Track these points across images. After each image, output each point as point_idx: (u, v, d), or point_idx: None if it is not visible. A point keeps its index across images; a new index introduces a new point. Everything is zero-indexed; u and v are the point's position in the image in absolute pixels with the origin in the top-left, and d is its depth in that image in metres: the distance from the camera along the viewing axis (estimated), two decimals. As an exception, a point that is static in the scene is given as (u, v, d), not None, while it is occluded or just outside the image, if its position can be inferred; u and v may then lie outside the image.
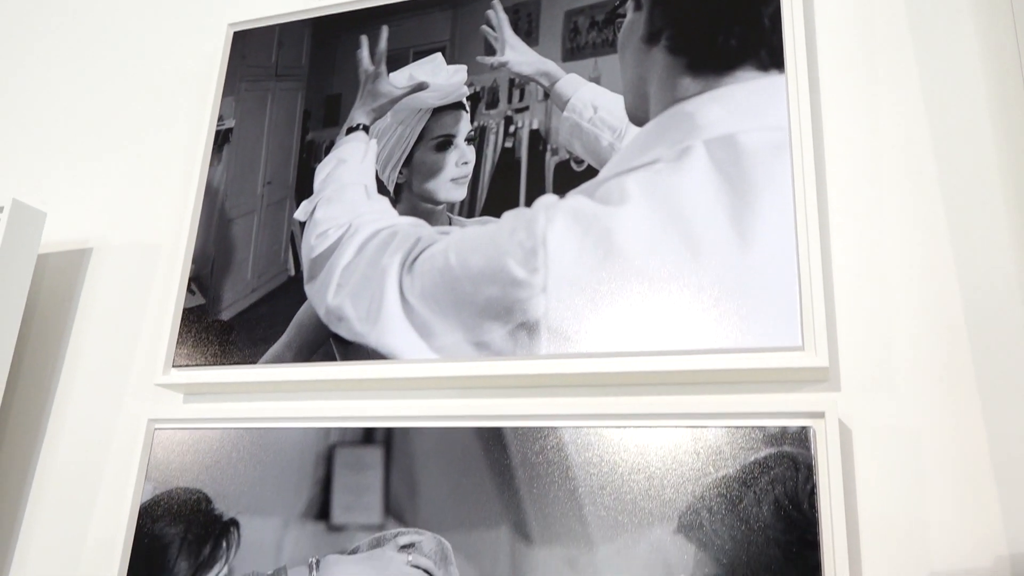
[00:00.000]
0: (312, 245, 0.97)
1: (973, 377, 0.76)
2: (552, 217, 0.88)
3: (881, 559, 0.72)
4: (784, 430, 0.74)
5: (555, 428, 0.81)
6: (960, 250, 0.79)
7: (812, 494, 0.72)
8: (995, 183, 0.80)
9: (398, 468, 0.85)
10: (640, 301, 0.82)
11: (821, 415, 0.74)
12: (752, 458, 0.74)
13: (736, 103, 0.85)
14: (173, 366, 0.98)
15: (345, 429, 0.88)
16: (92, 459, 1.02)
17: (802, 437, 0.74)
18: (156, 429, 0.96)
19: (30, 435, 1.07)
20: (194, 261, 1.02)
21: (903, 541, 0.72)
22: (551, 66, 0.95)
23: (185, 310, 1.00)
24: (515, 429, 0.82)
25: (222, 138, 1.08)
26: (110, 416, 1.04)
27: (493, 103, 0.96)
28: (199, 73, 1.19)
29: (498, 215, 0.91)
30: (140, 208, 1.15)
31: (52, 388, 1.09)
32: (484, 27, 1.00)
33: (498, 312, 0.87)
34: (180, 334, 0.99)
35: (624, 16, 0.94)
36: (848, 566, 0.69)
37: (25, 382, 1.10)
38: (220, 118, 1.09)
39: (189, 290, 1.01)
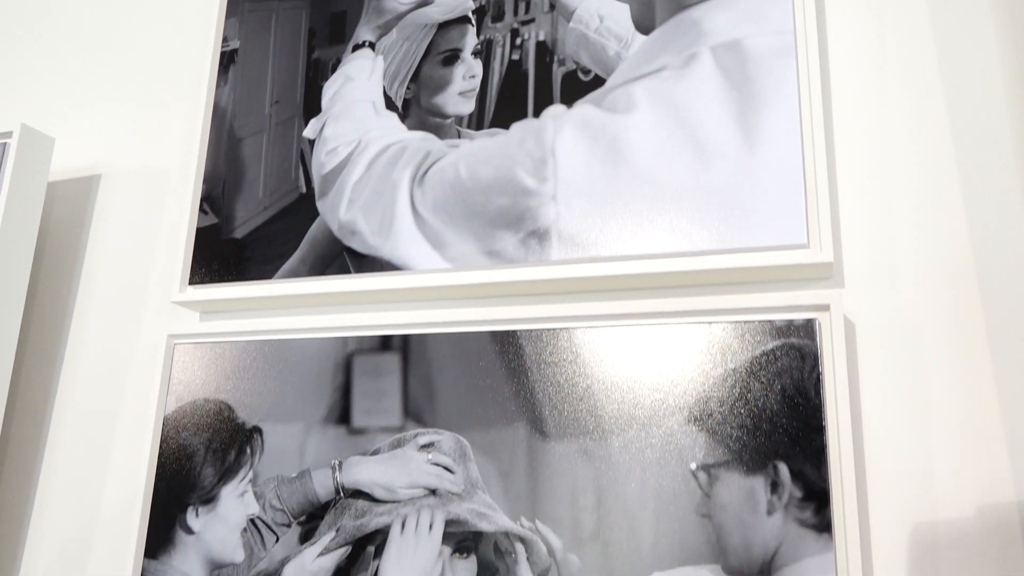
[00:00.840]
0: (322, 162, 0.99)
1: (973, 271, 0.78)
2: (560, 127, 0.89)
3: (884, 441, 0.76)
4: (790, 323, 0.77)
5: (568, 329, 0.84)
6: (962, 147, 0.81)
7: (818, 382, 0.75)
8: (997, 80, 0.81)
9: (415, 373, 0.88)
10: (649, 206, 0.84)
11: (826, 308, 0.77)
12: (760, 351, 0.77)
13: (742, 9, 0.86)
14: (189, 284, 0.99)
15: (362, 338, 0.91)
16: (113, 377, 1.05)
17: (808, 329, 0.76)
18: (176, 344, 0.98)
19: (49, 357, 1.09)
20: (205, 181, 1.04)
21: (905, 426, 0.76)
22: (556, -23, 0.95)
23: (198, 229, 1.02)
24: (529, 331, 0.85)
25: (228, 59, 1.08)
26: (129, 335, 1.06)
27: (499, 16, 0.97)
28: (200, -4, 1.19)
29: (506, 127, 0.92)
30: (148, 133, 1.15)
31: (69, 312, 1.11)
32: (488, -60, 1.00)
33: (509, 221, 0.88)
34: (195, 253, 1.01)
35: (629, -75, 0.94)
36: (852, 449, 0.73)
37: (42, 307, 1.12)
38: (225, 39, 1.09)
39: (201, 210, 1.02)
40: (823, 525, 0.71)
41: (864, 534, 0.73)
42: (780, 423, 0.75)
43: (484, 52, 0.96)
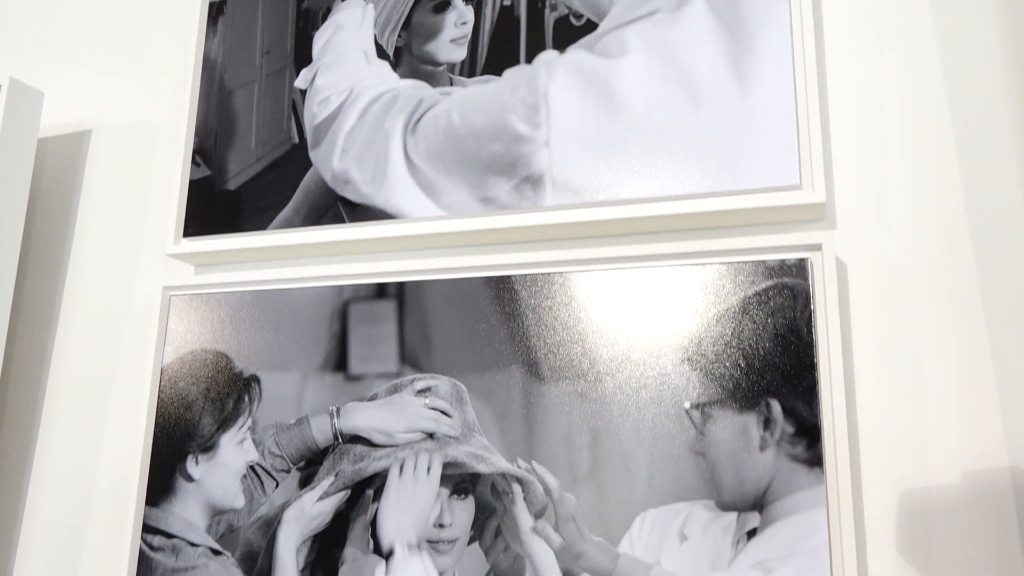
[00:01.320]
0: (314, 112, 0.98)
1: (964, 212, 0.79)
2: (553, 72, 0.89)
3: (875, 379, 0.77)
4: (783, 263, 0.78)
5: (562, 273, 0.84)
6: (955, 88, 0.81)
7: (809, 321, 0.76)
8: (991, 20, 0.81)
9: (411, 319, 0.88)
10: (642, 150, 0.84)
11: (818, 247, 0.77)
12: (752, 291, 0.78)
13: (734, -50, 0.85)
14: (183, 236, 0.99)
15: (358, 286, 0.91)
16: (110, 331, 1.05)
17: (800, 269, 0.77)
18: (172, 296, 0.98)
19: (45, 313, 1.10)
20: (197, 134, 1.03)
21: (896, 364, 0.77)
22: (547, -78, 0.94)
23: (191, 182, 1.02)
24: (523, 276, 0.85)
25: (216, 10, 1.07)
26: (125, 289, 1.06)
27: (490, -38, 0.96)
28: (186, -52, 1.18)
29: (499, 73, 0.92)
30: (138, 87, 1.14)
31: (63, 268, 1.11)
32: None
33: (502, 168, 0.88)
34: (188, 206, 1.01)
35: None
36: (844, 385, 0.74)
37: (36, 264, 1.12)
38: (213, -10, 1.08)
39: (194, 162, 1.02)
40: (814, 459, 0.73)
41: (855, 468, 0.75)
42: (772, 361, 0.76)
43: (475, -2, 0.95)
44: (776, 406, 0.75)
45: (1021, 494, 0.71)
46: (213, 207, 1.00)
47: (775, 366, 0.76)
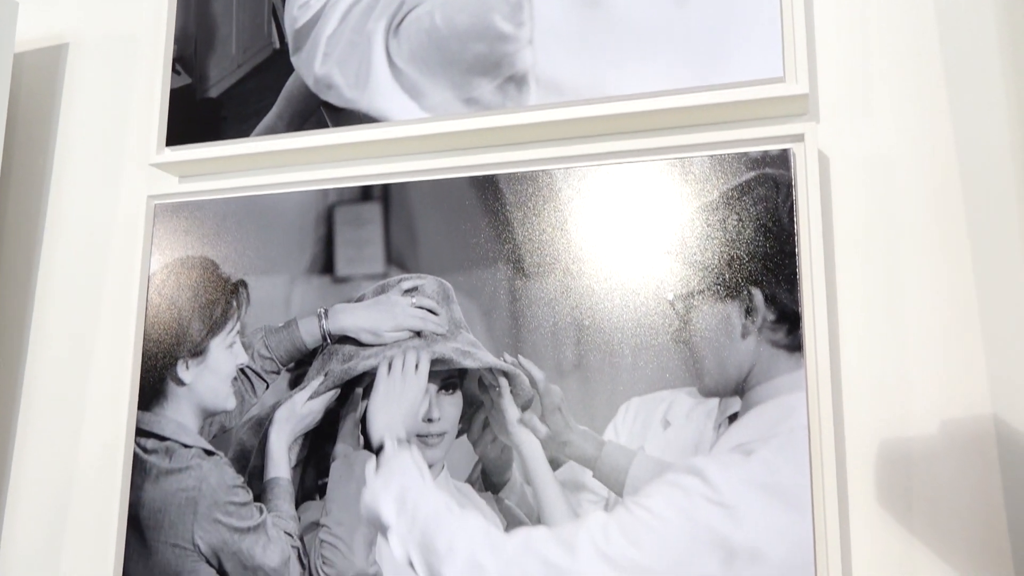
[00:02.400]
0: (295, 16, 0.97)
1: (947, 105, 0.79)
2: (536, -30, 0.88)
3: (855, 267, 0.78)
4: (765, 154, 0.78)
5: (547, 171, 0.84)
6: (938, -24, 0.80)
7: (791, 211, 0.76)
8: (975, -94, 0.80)
9: (397, 220, 0.89)
10: (625, 46, 0.83)
11: (800, 138, 0.78)
12: (735, 183, 0.78)
13: None
14: (167, 145, 0.99)
15: (343, 189, 0.91)
16: (96, 241, 1.05)
17: (783, 159, 0.77)
18: (156, 205, 0.98)
19: (29, 227, 1.09)
20: (176, 42, 1.02)
21: (877, 253, 0.78)
22: None
23: (172, 90, 1.00)
24: (508, 175, 0.85)
25: (192, -85, 1.05)
26: (109, 200, 1.06)
27: None
28: None
29: (481, -27, 0.90)
30: (113, -3, 1.12)
31: (47, 182, 1.10)
32: None
33: (486, 68, 0.88)
34: (170, 114, 1.00)
35: None
36: (824, 272, 0.75)
37: (18, 180, 1.11)
38: None
39: (174, 71, 1.01)
40: (794, 345, 0.74)
41: (834, 352, 0.76)
42: (755, 251, 0.77)
43: None
44: (758, 294, 0.76)
45: (992, 352, 0.73)
46: (195, 115, 0.99)
47: (757, 256, 0.77)
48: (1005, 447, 0.72)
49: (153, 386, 0.93)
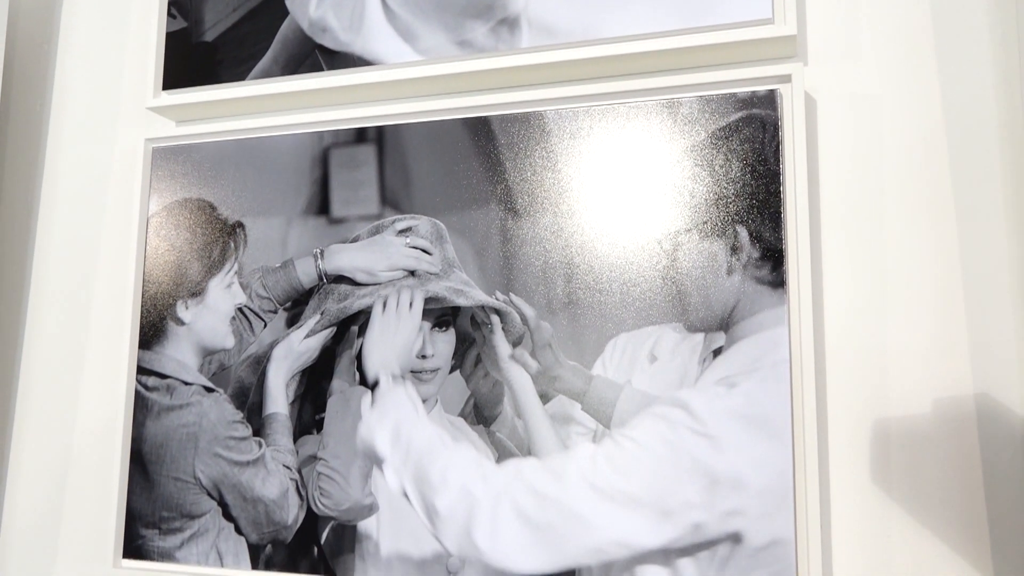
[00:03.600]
0: (289, -41, 0.97)
1: (932, 48, 0.80)
2: (529, -88, 0.88)
3: (840, 206, 0.80)
4: (753, 94, 0.79)
5: (539, 113, 0.85)
6: (927, -82, 0.81)
7: (777, 150, 0.78)
8: None
9: (391, 162, 0.90)
10: (617, -12, 0.84)
11: (788, 79, 0.79)
12: (723, 123, 0.80)
13: None
14: (163, 89, 1.00)
15: (338, 132, 0.92)
16: (94, 185, 1.07)
17: (769, 100, 0.79)
18: (154, 148, 0.99)
19: (28, 173, 1.10)
20: (171, -15, 1.02)
21: (861, 193, 0.79)
22: None
23: (168, 34, 1.01)
24: (500, 117, 0.87)
25: None
26: (107, 145, 1.07)
27: None
28: None
29: (475, -85, 0.91)
30: (108, -59, 1.12)
31: (44, 129, 1.11)
32: None
33: (479, 10, 0.89)
34: (166, 58, 1.00)
35: None
36: (808, 211, 0.76)
37: (16, 127, 1.12)
38: None
39: (170, 14, 1.01)
40: (778, 281, 0.76)
41: (816, 287, 0.78)
42: (741, 190, 0.78)
43: None
44: (743, 232, 0.78)
45: (970, 279, 0.75)
46: (191, 59, 1.00)
47: (743, 195, 0.78)
48: (979, 367, 0.74)
49: (153, 326, 0.95)
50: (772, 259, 0.77)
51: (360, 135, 0.92)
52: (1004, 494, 0.72)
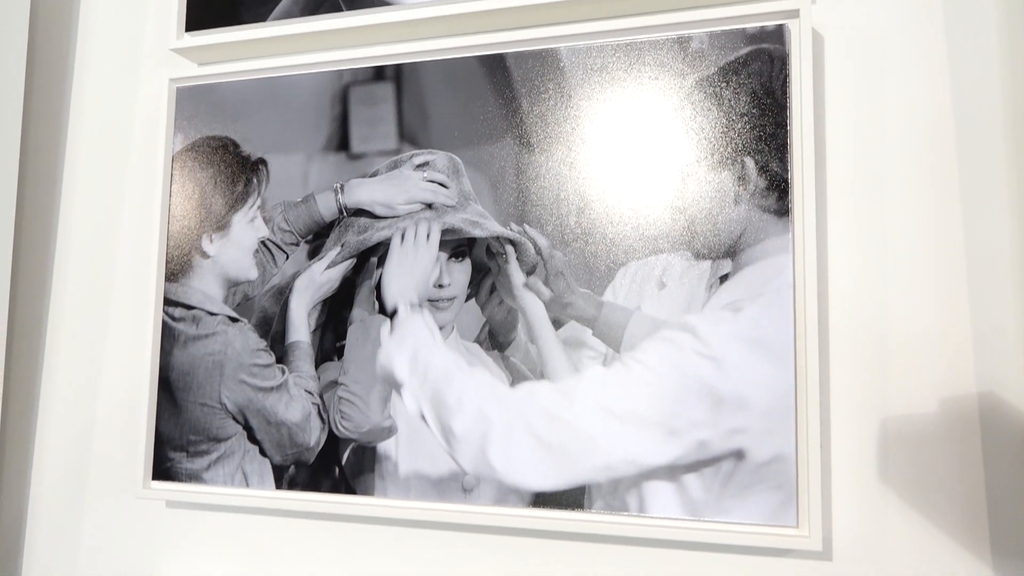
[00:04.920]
0: (309, -98, 0.99)
1: (938, -14, 0.82)
2: None
3: (844, 136, 0.82)
4: (762, 29, 0.81)
5: (553, 49, 0.88)
6: None
7: (785, 83, 0.80)
8: None
9: (409, 99, 0.93)
10: (630, -73, 0.86)
11: (796, 14, 0.81)
12: (732, 57, 0.82)
13: None
14: (186, 31, 1.02)
15: (357, 70, 0.95)
16: (120, 125, 1.10)
17: (778, 34, 0.81)
18: (178, 88, 1.02)
19: (55, 112, 1.13)
20: (193, -71, 1.04)
21: (865, 123, 0.82)
22: None
23: (190, -23, 1.03)
24: (516, 54, 0.89)
25: None
26: (131, 86, 1.10)
27: None
28: None
29: None
30: None
31: (69, 69, 1.14)
32: None
33: (495, -50, 0.91)
34: (188, 1, 1.03)
35: None
36: (814, 142, 0.79)
37: (42, 68, 1.15)
38: None
39: (191, -43, 1.04)
40: (783, 210, 0.79)
41: (820, 215, 0.81)
42: (749, 123, 0.81)
43: None
44: (751, 163, 0.81)
45: (969, 207, 0.78)
46: (213, 1, 1.02)
47: (751, 127, 0.81)
48: (976, 283, 0.77)
49: (180, 259, 0.99)
50: (778, 189, 0.79)
51: (378, 73, 0.94)
52: (999, 412, 0.75)
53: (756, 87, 0.81)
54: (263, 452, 0.93)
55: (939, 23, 0.82)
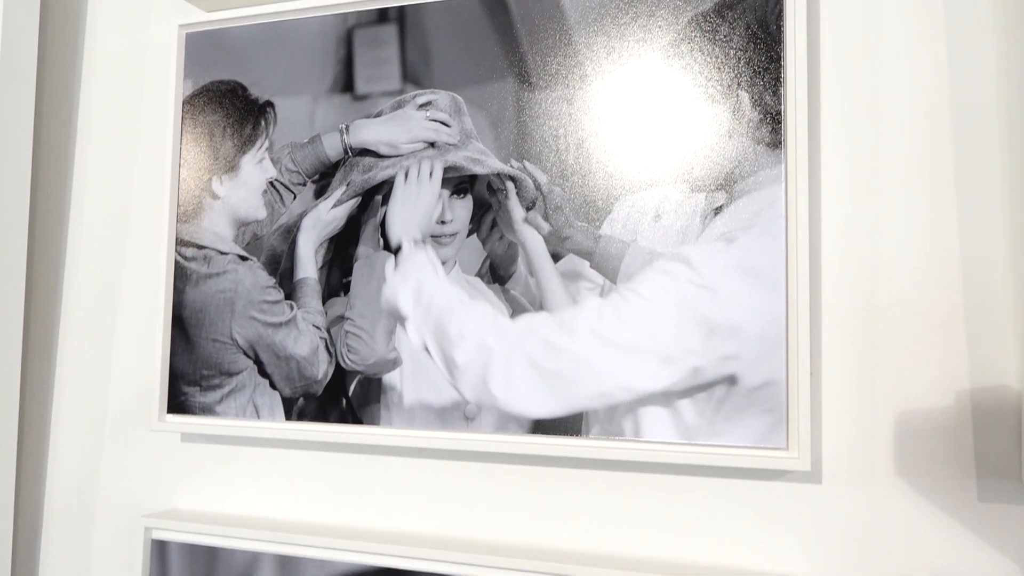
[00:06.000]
0: None
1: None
2: None
3: (837, 69, 0.83)
4: (757, -36, 0.83)
5: (552, -12, 0.90)
6: None
7: (779, 17, 0.82)
8: None
9: (412, 40, 0.95)
10: None
11: (791, -52, 0.82)
12: (728, -7, 0.83)
13: None
14: (194, -23, 1.04)
15: (361, 12, 0.97)
16: (130, 71, 1.12)
17: (773, -31, 0.82)
18: (187, 33, 1.04)
19: (68, 57, 1.16)
20: None
21: (858, 63, 0.83)
22: None
23: (198, -76, 1.05)
24: (516, -7, 0.91)
25: None
26: (140, 32, 1.12)
27: None
28: None
29: None
30: None
31: (82, 18, 1.16)
32: None
33: None
34: (196, -52, 1.05)
35: None
36: (807, 77, 0.80)
37: (54, 16, 1.18)
38: None
39: (199, -96, 1.05)
40: (776, 142, 0.81)
41: (813, 149, 0.83)
42: (743, 56, 0.82)
43: None
44: (745, 97, 0.82)
45: (960, 153, 0.79)
46: (220, -52, 1.04)
47: (746, 61, 0.82)
48: (966, 215, 0.79)
49: (191, 201, 1.02)
50: (772, 122, 0.81)
51: (382, 15, 0.96)
52: (986, 332, 0.77)
53: (751, 22, 0.83)
54: (273, 385, 0.97)
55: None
